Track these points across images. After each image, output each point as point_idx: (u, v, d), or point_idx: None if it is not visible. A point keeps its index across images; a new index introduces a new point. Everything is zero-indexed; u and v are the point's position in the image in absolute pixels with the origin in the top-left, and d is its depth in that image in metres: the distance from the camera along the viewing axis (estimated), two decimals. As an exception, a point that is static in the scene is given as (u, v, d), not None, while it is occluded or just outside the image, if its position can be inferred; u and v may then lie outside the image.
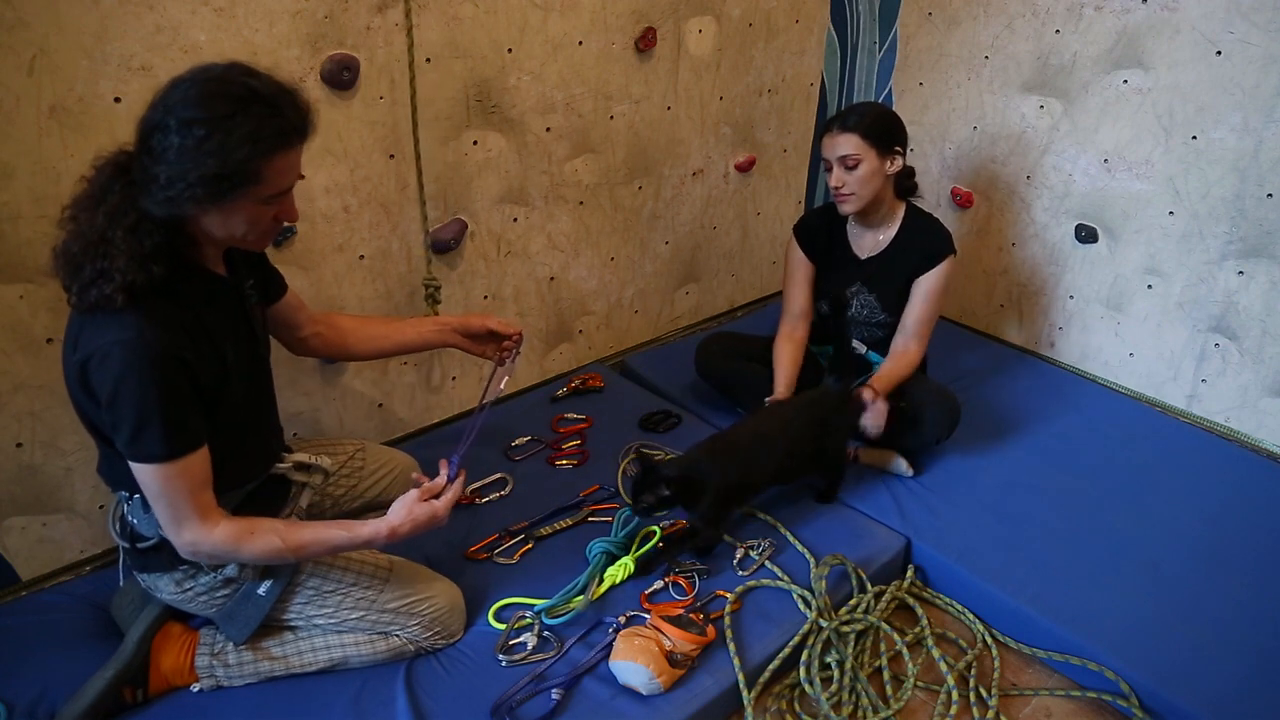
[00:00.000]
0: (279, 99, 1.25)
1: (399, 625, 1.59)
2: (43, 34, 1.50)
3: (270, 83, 1.26)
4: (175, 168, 1.19)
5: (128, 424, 1.26)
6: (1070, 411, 2.45)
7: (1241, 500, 2.12)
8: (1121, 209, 2.47)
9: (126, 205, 1.24)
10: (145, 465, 1.29)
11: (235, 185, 1.23)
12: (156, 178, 1.21)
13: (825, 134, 2.10)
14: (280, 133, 1.25)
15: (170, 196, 1.21)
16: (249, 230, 1.32)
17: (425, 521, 1.49)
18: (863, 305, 2.22)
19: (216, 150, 1.19)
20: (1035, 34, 2.51)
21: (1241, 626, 1.75)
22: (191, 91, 1.21)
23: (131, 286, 1.22)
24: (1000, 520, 2.02)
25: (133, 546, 1.46)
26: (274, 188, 1.28)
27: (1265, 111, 2.14)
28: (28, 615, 1.71)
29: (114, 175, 1.26)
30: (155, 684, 1.53)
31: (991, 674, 1.74)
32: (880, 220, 2.18)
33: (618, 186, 2.49)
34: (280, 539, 1.40)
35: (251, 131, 1.21)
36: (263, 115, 1.22)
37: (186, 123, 1.19)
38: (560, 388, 2.48)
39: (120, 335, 1.23)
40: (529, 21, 2.10)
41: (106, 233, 1.23)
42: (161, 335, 1.26)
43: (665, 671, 1.55)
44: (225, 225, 1.30)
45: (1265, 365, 2.31)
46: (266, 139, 1.23)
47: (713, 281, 2.94)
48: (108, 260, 1.22)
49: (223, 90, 1.21)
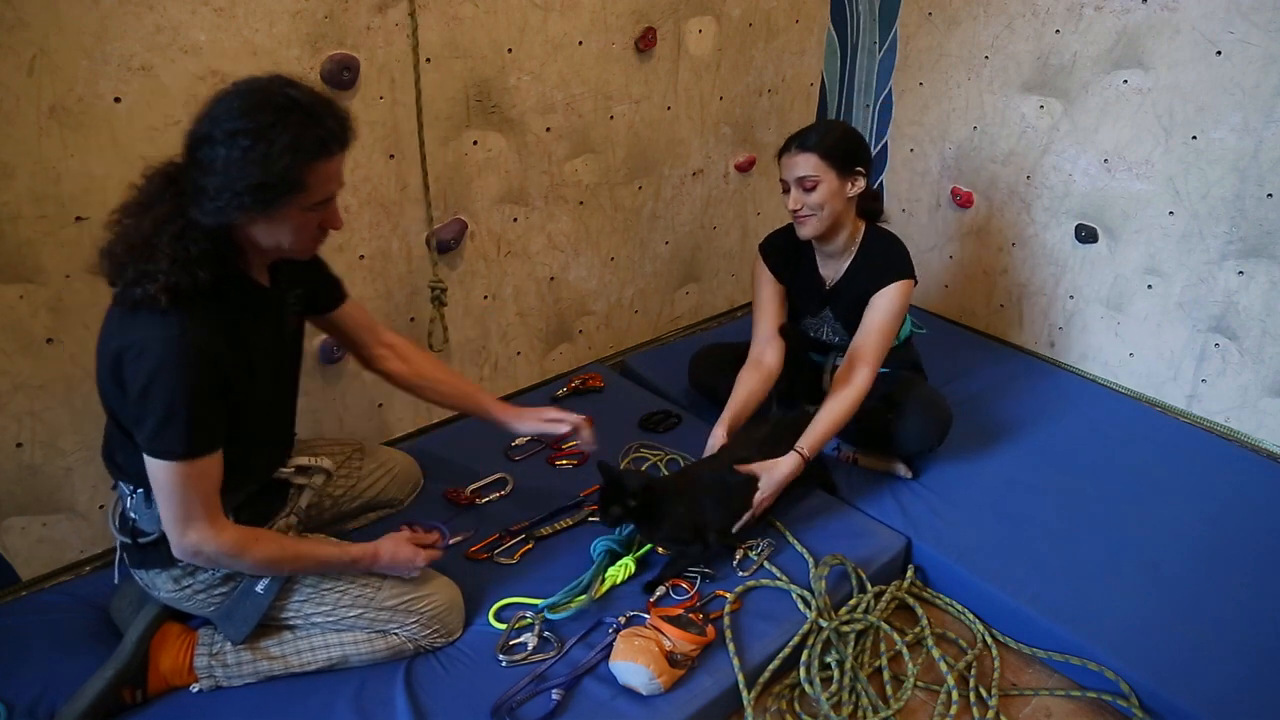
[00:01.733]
0: (319, 108, 1.29)
1: (397, 623, 1.59)
2: (43, 34, 1.50)
3: (310, 93, 1.30)
4: (222, 178, 1.24)
5: (154, 419, 1.29)
6: (1070, 411, 2.45)
7: (1241, 500, 2.12)
8: (1121, 209, 2.47)
9: (174, 213, 1.28)
10: (163, 462, 1.31)
11: (280, 194, 1.27)
12: (205, 189, 1.25)
13: (783, 154, 1.98)
14: (321, 141, 1.29)
15: (219, 206, 1.25)
16: (295, 239, 1.36)
17: (403, 562, 1.58)
18: (833, 332, 2.16)
19: (261, 159, 1.23)
20: (1035, 34, 2.51)
21: (1241, 626, 1.75)
22: (235, 104, 1.25)
23: (175, 288, 1.26)
24: (1000, 520, 2.02)
25: (133, 542, 1.47)
26: (317, 195, 1.32)
27: (1265, 111, 2.14)
28: (28, 615, 1.71)
29: (163, 185, 1.31)
30: (154, 684, 1.53)
31: (991, 674, 1.74)
32: (843, 245, 2.05)
33: (618, 186, 2.49)
34: (280, 549, 1.46)
35: (293, 140, 1.25)
36: (303, 124, 1.26)
37: (231, 134, 1.23)
38: (560, 388, 2.48)
39: (161, 332, 1.27)
40: (529, 21, 2.10)
41: (151, 237, 1.27)
42: (201, 337, 1.29)
43: (665, 672, 1.55)
44: (272, 234, 1.34)
45: (1265, 365, 2.31)
46: (308, 147, 1.27)
47: (713, 281, 2.94)
48: (151, 263, 1.26)
49: (265, 101, 1.25)
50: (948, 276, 2.96)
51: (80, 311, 1.70)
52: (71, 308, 1.69)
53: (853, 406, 1.95)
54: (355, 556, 1.54)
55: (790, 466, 1.88)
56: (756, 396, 2.06)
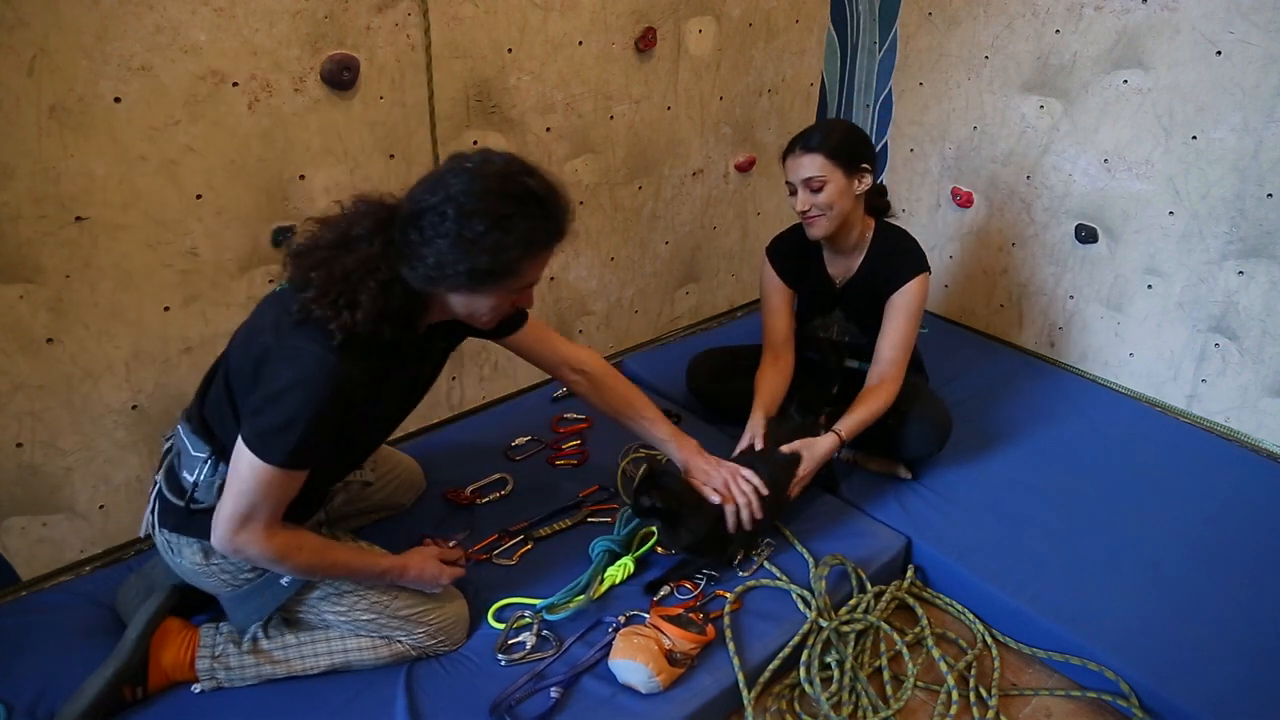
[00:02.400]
0: (551, 200, 1.32)
1: (405, 631, 1.59)
2: (43, 34, 1.50)
3: (544, 182, 1.32)
4: (447, 254, 1.26)
5: (273, 421, 1.30)
6: (1070, 411, 2.45)
7: (1241, 500, 2.12)
8: (1121, 209, 2.47)
9: (380, 262, 1.29)
10: (258, 461, 1.31)
11: (498, 279, 1.30)
12: (424, 257, 1.27)
13: (788, 155, 1.96)
14: (549, 236, 1.32)
15: (433, 276, 1.28)
16: (489, 314, 1.39)
17: (429, 579, 1.60)
18: (845, 331, 2.16)
19: (492, 248, 1.26)
20: (1035, 34, 2.51)
21: (1241, 626, 1.75)
22: (475, 185, 1.26)
23: (352, 331, 1.27)
24: (1000, 520, 2.02)
25: (184, 505, 1.46)
26: (527, 281, 1.36)
27: (1265, 111, 2.14)
28: (28, 615, 1.71)
29: (374, 228, 1.32)
30: (155, 681, 1.52)
31: (991, 674, 1.74)
32: (853, 243, 2.05)
33: (618, 186, 2.49)
34: (319, 558, 1.47)
35: (526, 233, 1.28)
36: (537, 216, 1.29)
37: (467, 214, 1.25)
38: (560, 388, 2.48)
39: (319, 352, 1.28)
40: (529, 21, 2.10)
41: (353, 277, 1.28)
42: (350, 373, 1.30)
43: (665, 670, 1.55)
44: (469, 306, 1.37)
45: (1265, 365, 2.31)
46: (538, 241, 1.30)
47: (713, 281, 2.94)
48: (347, 305, 1.27)
49: (503, 188, 1.27)
50: (948, 276, 2.96)
51: (80, 311, 1.70)
52: (71, 308, 1.69)
53: (887, 403, 1.99)
54: (384, 569, 1.55)
55: (829, 445, 1.93)
56: (780, 392, 2.09)
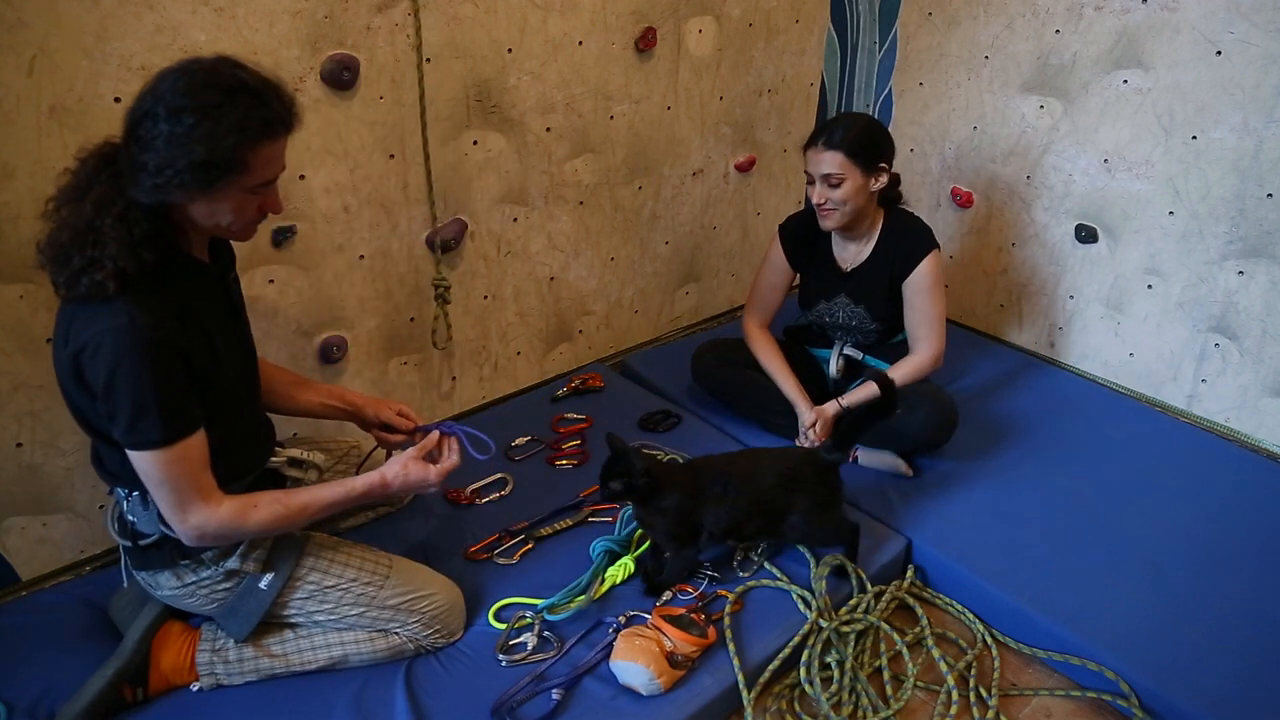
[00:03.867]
0: (266, 91, 1.28)
1: (399, 623, 1.59)
2: (43, 34, 1.50)
3: (257, 75, 1.28)
4: (164, 155, 1.22)
5: (125, 412, 1.27)
6: (1070, 411, 2.45)
7: (1241, 500, 2.12)
8: (1121, 209, 2.47)
9: (114, 194, 1.25)
10: (145, 452, 1.29)
11: (222, 173, 1.25)
12: (145, 165, 1.23)
13: (809, 146, 2.03)
14: (266, 123, 1.27)
15: (159, 184, 1.23)
16: (234, 220, 1.34)
17: (416, 482, 1.54)
18: (851, 316, 2.21)
19: (205, 138, 1.21)
20: (1035, 34, 2.51)
21: (1241, 626, 1.75)
22: (180, 82, 1.23)
23: (123, 273, 1.24)
24: (1000, 520, 2.02)
25: (134, 545, 1.46)
26: (259, 177, 1.31)
27: (1265, 111, 2.14)
28: (28, 615, 1.71)
29: (100, 166, 1.28)
30: (155, 683, 1.53)
31: (991, 674, 1.74)
32: (863, 232, 2.14)
33: (618, 186, 2.49)
34: (282, 505, 1.44)
35: (239, 120, 1.23)
36: (250, 105, 1.25)
37: (176, 111, 1.21)
38: (560, 388, 2.48)
39: (112, 322, 1.24)
40: (529, 21, 2.10)
41: (94, 221, 1.24)
42: (154, 321, 1.26)
43: (665, 672, 1.55)
44: (212, 214, 1.32)
45: (1265, 365, 2.31)
46: (253, 128, 1.25)
47: (713, 281, 2.94)
48: (97, 248, 1.23)
49: (211, 81, 1.24)
50: (948, 276, 2.96)
51: (80, 311, 1.69)
52: (71, 308, 1.68)
53: (917, 372, 2.11)
54: (362, 489, 1.51)
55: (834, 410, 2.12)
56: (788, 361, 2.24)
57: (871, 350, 2.25)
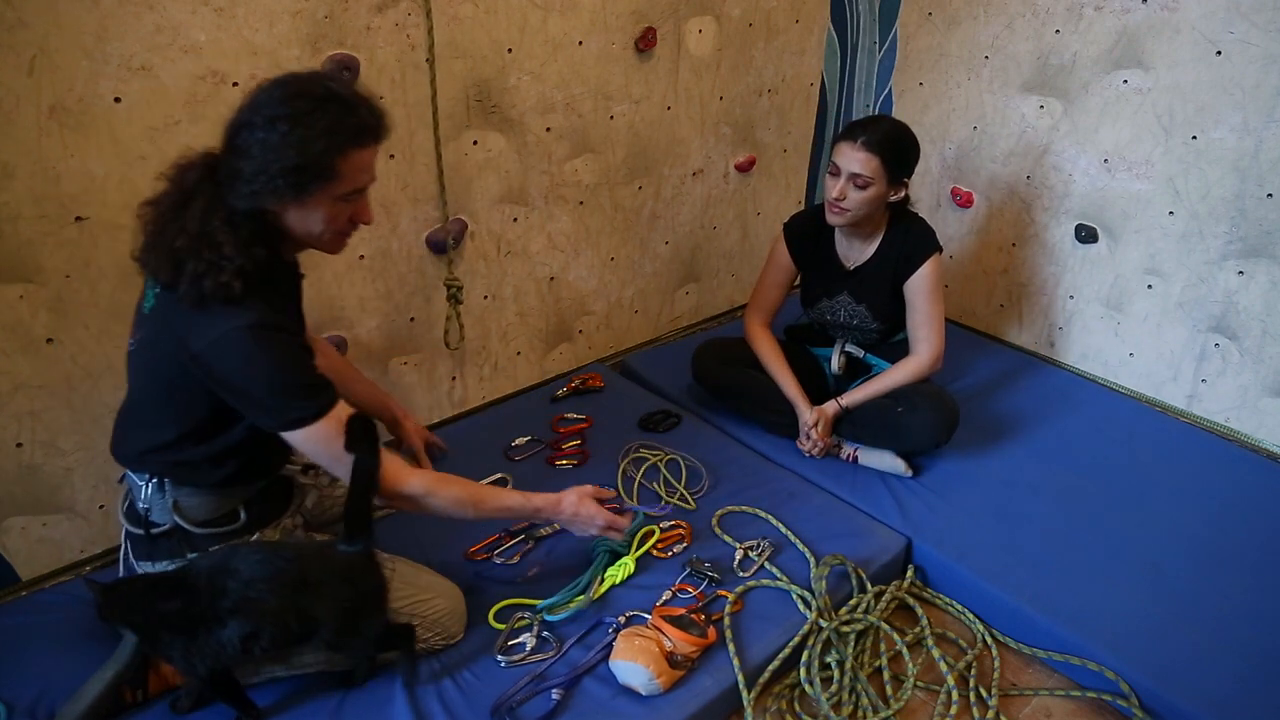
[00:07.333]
0: (356, 101, 1.34)
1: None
2: (43, 34, 1.50)
3: (349, 87, 1.35)
4: (259, 161, 1.27)
5: (271, 400, 1.34)
6: (1070, 411, 2.45)
7: (1241, 500, 2.12)
8: (1121, 209, 2.47)
9: (216, 203, 1.31)
10: (302, 431, 1.35)
11: (313, 179, 1.30)
12: (241, 172, 1.28)
13: (845, 140, 1.99)
14: (356, 130, 1.32)
15: (254, 190, 1.29)
16: (325, 229, 1.38)
17: (584, 519, 1.65)
18: (852, 315, 2.21)
19: (297, 143, 1.27)
20: (1035, 34, 2.51)
21: (1241, 626, 1.75)
22: (276, 93, 1.29)
23: (243, 271, 1.29)
24: (1000, 520, 2.02)
25: (145, 533, 1.47)
26: (349, 185, 1.35)
27: (1265, 111, 2.14)
28: (28, 615, 1.71)
29: (202, 176, 1.33)
30: (155, 684, 1.52)
31: (991, 674, 1.74)
32: (868, 232, 2.14)
33: (618, 186, 2.49)
34: (468, 492, 1.53)
35: (329, 126, 1.29)
36: (340, 113, 1.30)
37: (271, 119, 1.27)
38: (560, 388, 2.48)
39: (240, 321, 1.29)
40: (529, 21, 2.10)
41: (205, 227, 1.29)
42: (276, 316, 1.34)
43: (665, 672, 1.55)
44: (304, 221, 1.36)
45: (1265, 365, 2.31)
46: (343, 134, 1.31)
47: (713, 281, 2.94)
48: (213, 251, 1.28)
49: (304, 90, 1.30)
50: (948, 276, 2.96)
51: (80, 311, 1.70)
52: (71, 308, 1.68)
53: (907, 377, 2.13)
54: (539, 506, 1.61)
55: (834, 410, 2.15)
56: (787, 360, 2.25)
57: (872, 349, 2.26)
